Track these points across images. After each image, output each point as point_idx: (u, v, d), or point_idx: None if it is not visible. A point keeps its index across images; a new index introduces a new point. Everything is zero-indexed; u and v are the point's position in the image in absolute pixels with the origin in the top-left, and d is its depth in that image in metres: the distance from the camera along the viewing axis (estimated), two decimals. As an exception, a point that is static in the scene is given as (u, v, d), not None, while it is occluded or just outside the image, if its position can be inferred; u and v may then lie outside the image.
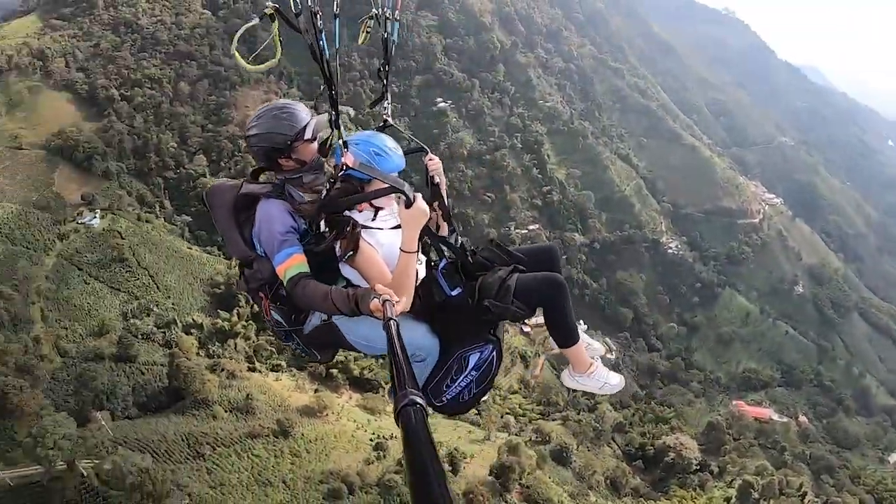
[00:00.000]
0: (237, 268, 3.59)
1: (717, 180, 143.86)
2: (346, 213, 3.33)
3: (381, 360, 68.28)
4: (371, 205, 3.40)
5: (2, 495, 45.16)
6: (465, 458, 55.84)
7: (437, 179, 3.90)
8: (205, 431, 51.95)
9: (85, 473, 44.22)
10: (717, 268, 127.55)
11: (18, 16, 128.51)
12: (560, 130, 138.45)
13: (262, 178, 3.61)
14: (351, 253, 3.26)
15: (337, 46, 2.98)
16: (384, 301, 2.70)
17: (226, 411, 55.21)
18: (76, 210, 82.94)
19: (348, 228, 3.25)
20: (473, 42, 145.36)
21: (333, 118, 3.33)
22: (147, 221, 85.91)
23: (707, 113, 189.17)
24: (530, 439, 65.71)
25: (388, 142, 3.48)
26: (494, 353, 3.46)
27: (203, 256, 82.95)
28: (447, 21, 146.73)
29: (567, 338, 3.59)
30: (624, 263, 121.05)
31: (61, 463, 44.49)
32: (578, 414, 78.62)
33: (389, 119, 4.10)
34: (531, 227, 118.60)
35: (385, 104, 4.13)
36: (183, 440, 50.42)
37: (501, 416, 75.33)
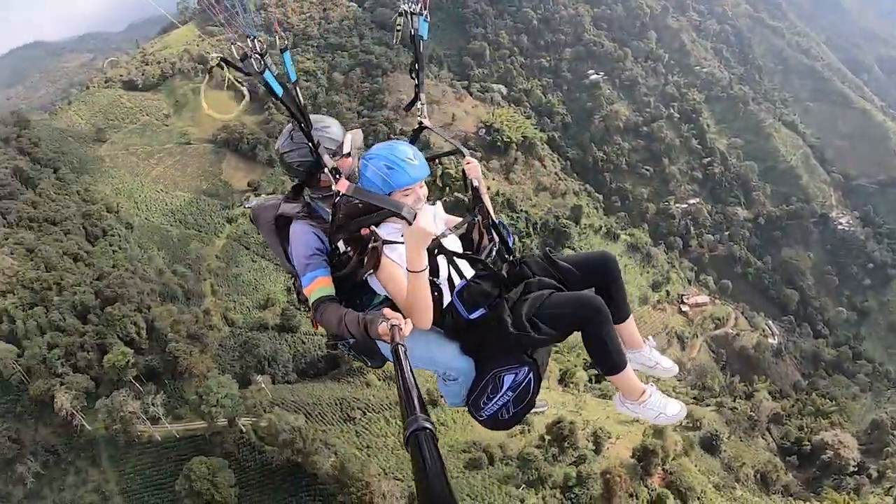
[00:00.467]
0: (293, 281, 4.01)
1: (893, 147, 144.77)
2: (373, 227, 3.60)
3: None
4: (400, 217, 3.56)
5: (170, 445, 63.46)
6: (609, 438, 60.75)
7: (475, 183, 4.17)
8: (357, 397, 65.60)
9: (243, 429, 61.08)
10: (893, 246, 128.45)
11: (177, 27, 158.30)
12: (719, 97, 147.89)
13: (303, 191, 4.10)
14: (371, 271, 3.59)
15: (294, 79, 3.30)
16: (391, 326, 3.08)
17: (379, 380, 68.66)
18: (243, 195, 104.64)
19: (370, 245, 3.53)
20: (622, 9, 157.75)
21: (314, 148, 3.59)
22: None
23: (879, 72, 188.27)
24: (680, 424, 69.46)
25: (403, 153, 3.67)
26: (531, 375, 3.62)
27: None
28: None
29: (609, 366, 3.71)
30: (790, 240, 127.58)
31: (223, 419, 61.64)
32: (734, 401, 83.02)
33: (425, 121, 4.42)
34: (691, 202, 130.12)
35: (419, 105, 4.39)
36: (336, 404, 64.69)
37: None
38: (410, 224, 3.31)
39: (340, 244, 3.66)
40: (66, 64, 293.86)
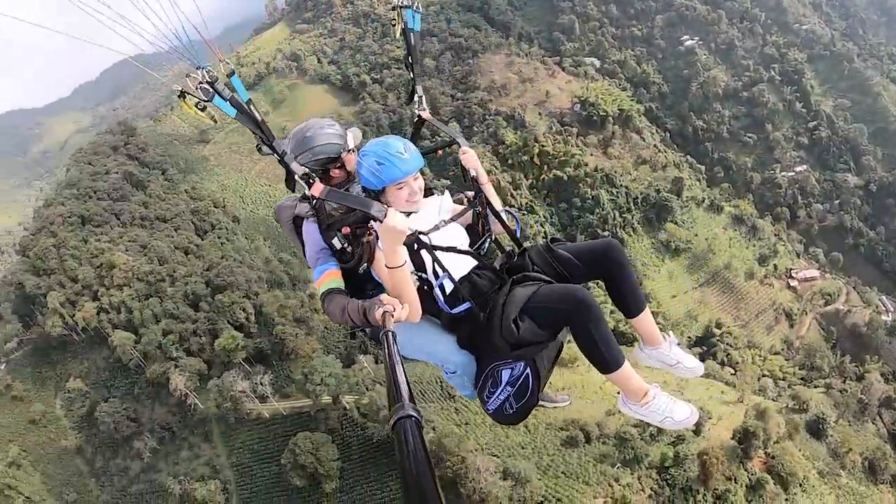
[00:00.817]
0: None
1: None
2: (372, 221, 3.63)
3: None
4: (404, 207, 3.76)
5: (277, 422, 67.43)
6: (710, 418, 58.89)
7: (472, 173, 4.15)
8: None
9: (347, 407, 63.84)
10: None
11: (267, 27, 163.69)
12: (821, 56, 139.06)
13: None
14: (366, 263, 3.71)
15: (246, 98, 3.46)
16: (383, 312, 3.21)
17: None
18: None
19: (364, 240, 3.67)
20: None
21: (280, 159, 3.72)
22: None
23: None
24: (786, 406, 66.33)
25: (393, 147, 3.69)
26: (528, 370, 3.55)
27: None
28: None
29: (601, 364, 3.47)
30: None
31: (327, 397, 64.80)
32: (844, 382, 78.59)
33: (423, 114, 4.48)
34: (798, 169, 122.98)
35: (416, 98, 4.48)
36: (437, 381, 65.53)
37: (759, 379, 79.71)
38: (381, 222, 3.36)
39: (335, 241, 3.77)
40: (166, 73, 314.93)
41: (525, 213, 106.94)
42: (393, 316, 3.19)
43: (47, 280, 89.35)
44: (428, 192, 4.08)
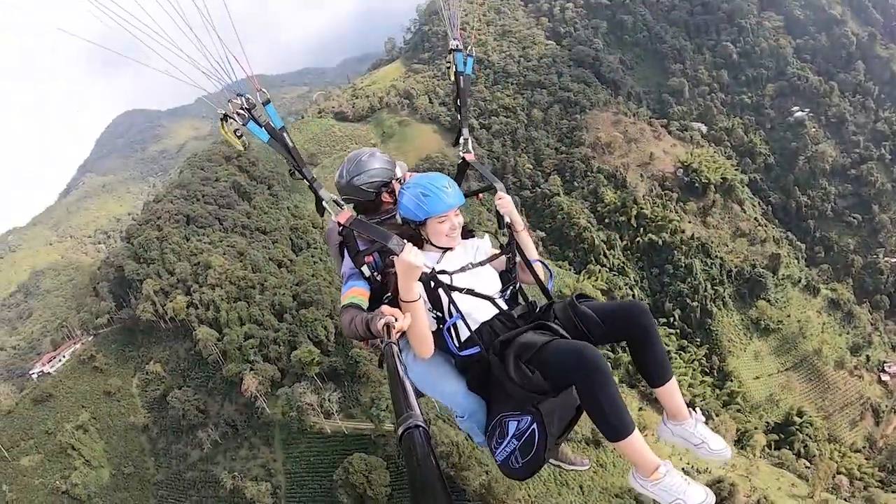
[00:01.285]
0: None
1: None
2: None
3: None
4: (433, 245, 3.86)
5: (338, 438, 68.68)
6: None
7: (507, 219, 4.15)
8: None
9: None
10: None
11: (385, 63, 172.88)
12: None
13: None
14: (389, 294, 3.80)
15: (280, 126, 3.70)
16: (385, 324, 3.27)
17: None
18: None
19: (392, 269, 3.72)
20: (825, 39, 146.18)
21: (310, 185, 3.95)
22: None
23: None
24: None
25: (439, 181, 3.79)
26: (535, 426, 3.32)
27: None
28: (794, 19, 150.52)
29: (609, 430, 3.25)
30: None
31: (389, 425, 65.11)
32: None
33: (467, 156, 4.56)
34: None
35: (461, 140, 4.60)
36: None
37: (834, 476, 75.42)
38: (398, 255, 3.40)
39: (364, 269, 3.86)
40: (285, 95, 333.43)
41: (616, 274, 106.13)
42: (394, 327, 3.25)
43: (146, 268, 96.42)
44: (468, 234, 4.09)
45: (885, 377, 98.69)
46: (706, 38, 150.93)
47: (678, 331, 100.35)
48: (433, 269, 3.70)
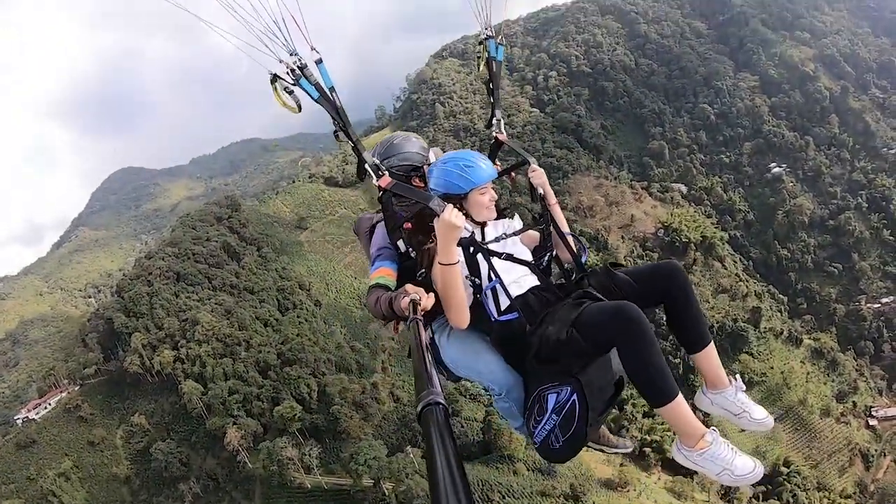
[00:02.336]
0: None
1: None
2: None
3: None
4: (472, 220, 3.83)
5: (317, 493, 69.56)
6: None
7: (540, 191, 4.19)
8: (500, 482, 67.80)
9: (385, 492, 65.37)
10: None
11: (375, 130, 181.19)
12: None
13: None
14: (423, 270, 3.71)
15: (330, 85, 3.65)
16: (410, 300, 3.19)
17: (528, 469, 71.02)
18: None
19: (425, 246, 3.74)
20: (800, 95, 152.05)
21: (353, 146, 3.83)
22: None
23: None
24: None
25: (476, 155, 3.88)
26: (575, 395, 3.23)
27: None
28: (768, 78, 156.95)
29: (652, 394, 3.12)
30: None
31: (369, 480, 66.88)
32: None
33: (500, 136, 4.65)
34: (885, 301, 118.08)
35: (494, 121, 4.67)
36: (478, 484, 66.46)
37: None
38: (438, 216, 3.39)
39: (400, 244, 3.87)
40: (278, 159, 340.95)
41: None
42: (420, 304, 3.18)
43: (135, 322, 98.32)
44: (500, 213, 4.11)
45: (872, 422, 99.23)
46: (684, 101, 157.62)
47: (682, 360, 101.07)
48: (472, 232, 3.75)
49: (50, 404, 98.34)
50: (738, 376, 3.77)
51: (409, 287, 3.39)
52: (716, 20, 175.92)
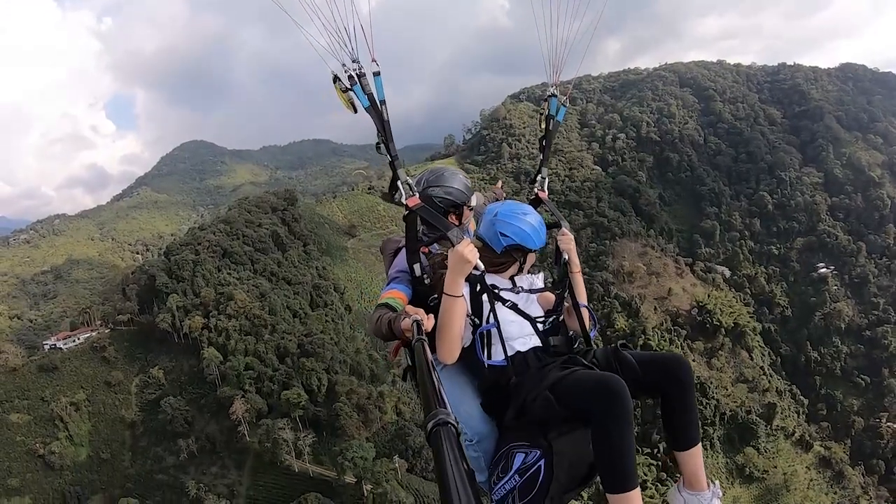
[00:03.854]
0: None
1: None
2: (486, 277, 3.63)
3: None
4: (497, 272, 3.79)
5: (302, 478, 74.15)
6: None
7: (565, 257, 4.10)
8: None
9: (365, 492, 69.23)
10: None
11: (441, 157, 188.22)
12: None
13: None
14: (435, 297, 3.69)
15: (382, 98, 3.66)
16: (413, 321, 3.16)
17: None
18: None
19: (441, 271, 3.72)
20: (861, 199, 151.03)
21: (391, 161, 3.83)
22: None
23: None
24: None
25: (539, 220, 3.85)
26: (542, 462, 3.14)
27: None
28: (832, 177, 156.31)
29: (612, 477, 2.93)
30: None
31: (352, 477, 70.97)
32: None
33: (541, 194, 4.59)
34: None
35: (539, 178, 4.66)
36: None
37: None
38: (454, 246, 3.45)
39: (416, 267, 3.86)
40: (344, 165, 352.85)
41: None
42: (423, 325, 3.14)
43: (175, 285, 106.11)
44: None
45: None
46: (745, 185, 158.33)
47: (660, 462, 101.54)
48: (483, 271, 3.59)
49: (78, 339, 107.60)
50: (717, 482, 3.59)
51: (409, 308, 3.42)
52: (791, 110, 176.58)
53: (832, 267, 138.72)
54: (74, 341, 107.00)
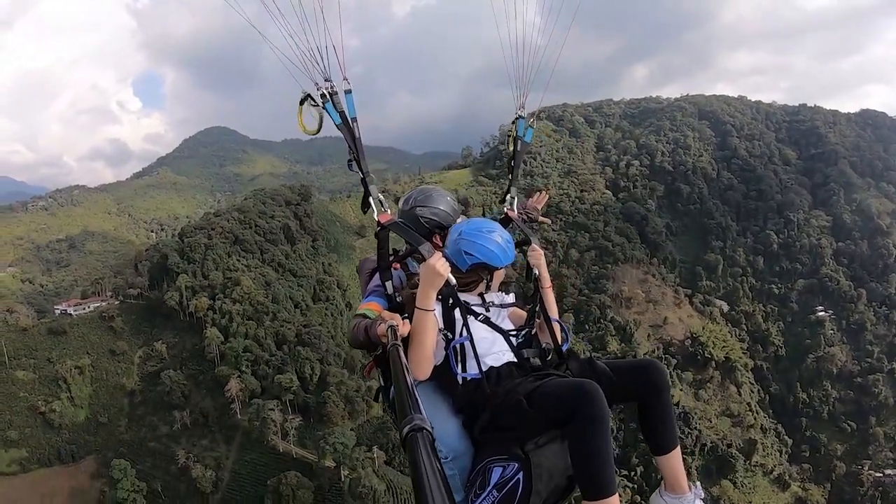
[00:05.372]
0: None
1: None
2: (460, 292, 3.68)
3: None
4: (464, 291, 3.77)
5: (285, 458, 78.77)
6: None
7: (536, 272, 4.12)
8: None
9: (343, 476, 73.80)
10: None
11: (458, 167, 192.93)
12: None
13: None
14: (406, 315, 3.57)
15: (353, 116, 3.78)
16: (389, 327, 3.22)
17: None
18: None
19: (411, 291, 3.75)
20: (867, 247, 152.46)
21: (362, 178, 3.91)
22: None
23: None
24: None
25: (507, 237, 3.87)
26: (520, 475, 3.14)
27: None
28: (840, 222, 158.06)
29: (591, 484, 2.94)
30: None
31: (332, 462, 75.33)
32: None
33: (510, 212, 4.75)
34: (889, 472, 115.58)
35: (508, 197, 4.79)
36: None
37: None
38: (426, 260, 3.49)
39: (388, 285, 3.91)
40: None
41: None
42: (398, 330, 3.23)
43: (185, 265, 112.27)
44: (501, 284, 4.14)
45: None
46: (753, 222, 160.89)
47: (636, 485, 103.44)
48: (455, 285, 3.63)
49: (88, 307, 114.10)
50: (698, 483, 3.63)
51: (385, 313, 3.50)
52: (807, 152, 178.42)
53: (830, 311, 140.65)
54: (84, 309, 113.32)
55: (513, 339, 3.77)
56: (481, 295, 3.87)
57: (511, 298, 4.04)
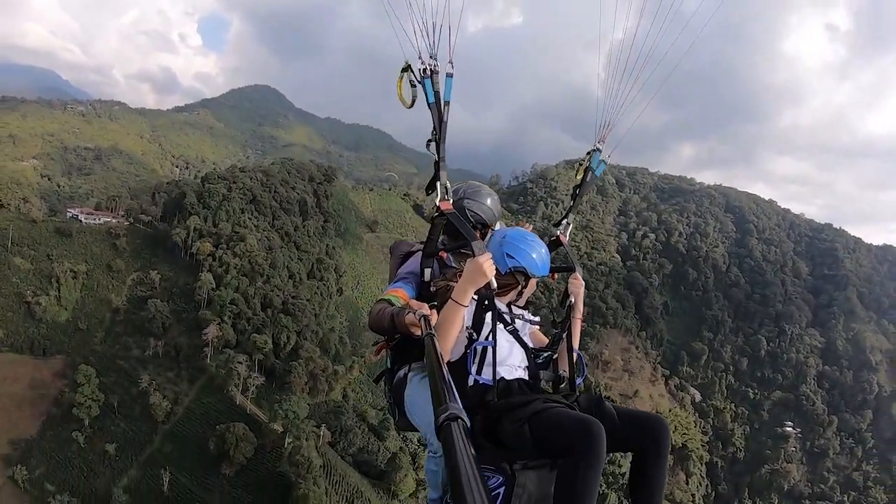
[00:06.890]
0: None
1: None
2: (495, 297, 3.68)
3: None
4: (497, 295, 3.72)
5: (237, 411, 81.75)
6: None
7: (572, 300, 4.20)
8: (370, 497, 79.06)
9: (286, 444, 76.98)
10: None
11: None
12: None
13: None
14: (436, 304, 3.67)
15: (448, 99, 3.83)
16: (421, 316, 3.23)
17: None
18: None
19: (448, 284, 3.81)
20: (851, 378, 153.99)
21: (437, 161, 3.90)
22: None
23: None
24: None
25: (546, 251, 3.97)
26: (501, 490, 3.22)
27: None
28: (833, 347, 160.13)
29: None
30: None
31: (280, 426, 79.60)
32: None
33: (562, 237, 4.79)
34: None
35: (564, 223, 4.91)
36: (350, 486, 78.85)
37: None
38: (474, 256, 3.52)
39: (427, 272, 4.01)
40: (396, 163, 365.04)
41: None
42: (430, 318, 3.26)
43: (199, 208, 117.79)
44: (527, 304, 4.20)
45: None
46: (748, 324, 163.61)
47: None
48: (495, 289, 3.64)
49: (99, 219, 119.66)
50: None
51: (413, 303, 3.54)
52: (820, 270, 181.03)
53: (798, 430, 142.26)
54: (95, 220, 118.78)
55: (534, 359, 3.86)
56: (510, 304, 3.96)
57: (537, 318, 4.13)
